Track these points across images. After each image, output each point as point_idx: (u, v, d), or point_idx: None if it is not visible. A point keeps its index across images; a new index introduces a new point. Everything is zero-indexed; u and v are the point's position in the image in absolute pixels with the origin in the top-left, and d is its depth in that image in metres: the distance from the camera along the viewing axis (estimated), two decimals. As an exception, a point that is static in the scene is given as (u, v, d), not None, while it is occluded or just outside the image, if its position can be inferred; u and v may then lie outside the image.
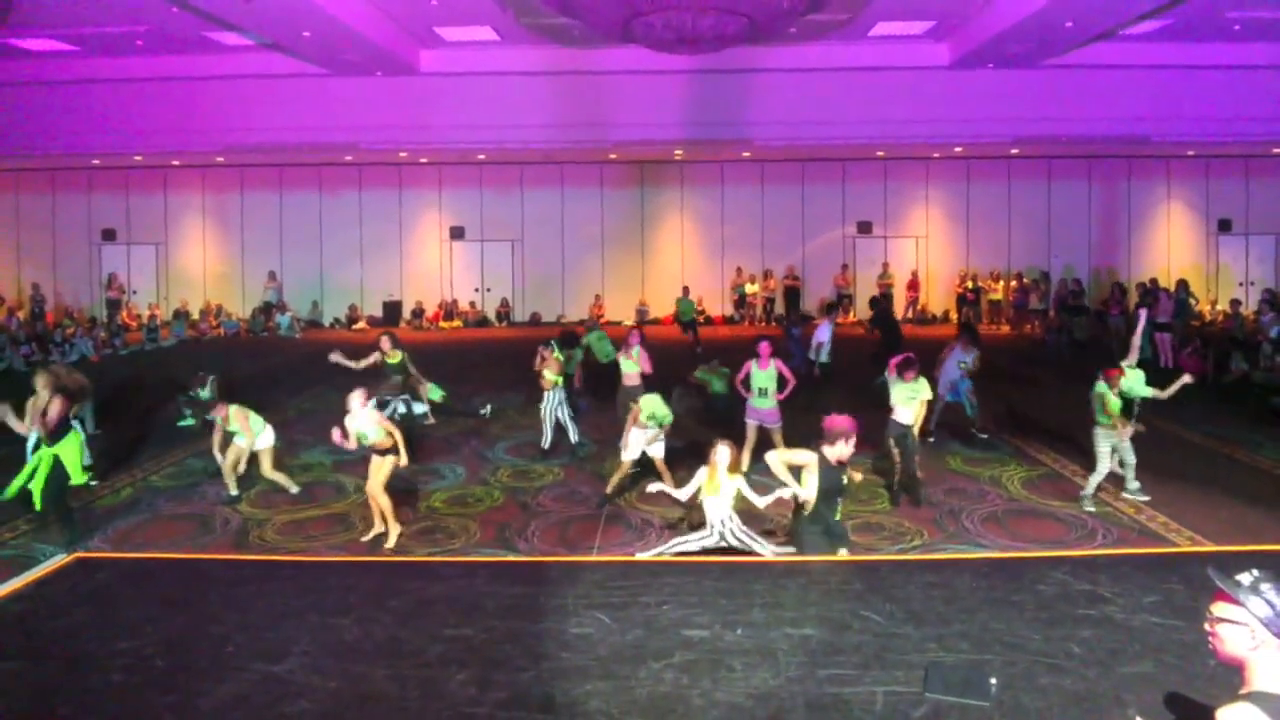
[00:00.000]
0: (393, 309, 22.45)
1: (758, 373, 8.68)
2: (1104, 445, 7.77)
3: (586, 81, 16.75)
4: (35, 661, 4.26)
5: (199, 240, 22.92)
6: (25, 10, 12.88)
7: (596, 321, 15.04)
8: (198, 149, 18.63)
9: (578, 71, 16.63)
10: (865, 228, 22.48)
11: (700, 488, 6.13)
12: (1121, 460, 7.89)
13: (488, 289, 23.02)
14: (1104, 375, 7.80)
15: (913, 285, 22.23)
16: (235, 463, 8.38)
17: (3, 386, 14.49)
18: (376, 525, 7.29)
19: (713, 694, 3.83)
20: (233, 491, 8.33)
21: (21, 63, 16.26)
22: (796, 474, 5.48)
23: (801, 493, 5.42)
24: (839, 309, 20.38)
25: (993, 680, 3.82)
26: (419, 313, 22.17)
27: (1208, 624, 2.42)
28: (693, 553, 6.00)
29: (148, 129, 17.52)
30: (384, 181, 22.45)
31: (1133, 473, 7.95)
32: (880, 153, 21.17)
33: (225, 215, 22.78)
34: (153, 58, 16.31)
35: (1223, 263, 22.16)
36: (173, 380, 12.47)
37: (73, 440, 7.32)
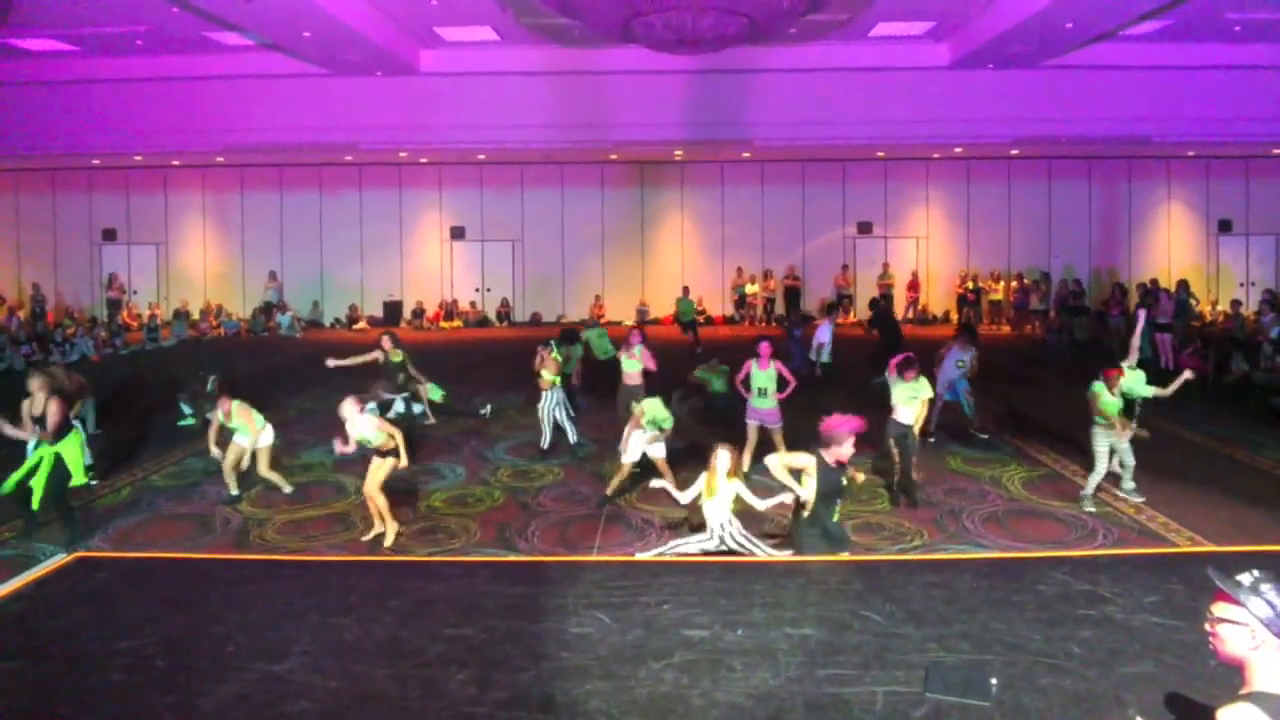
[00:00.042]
0: (393, 309, 22.45)
1: (757, 373, 8.68)
2: (1102, 445, 7.77)
3: (587, 82, 16.75)
4: (35, 661, 4.26)
5: (199, 240, 22.93)
6: (25, 10, 12.88)
7: (596, 320, 15.04)
8: (198, 149, 18.64)
9: (578, 72, 16.62)
10: (865, 228, 22.48)
11: (700, 492, 6.14)
12: (1121, 461, 7.90)
13: (488, 289, 23.02)
14: (1102, 375, 7.80)
15: (913, 286, 22.23)
16: (236, 462, 8.38)
17: (3, 386, 14.53)
18: (376, 525, 7.30)
19: (713, 694, 3.83)
20: (233, 491, 8.34)
21: (22, 63, 16.26)
22: (797, 476, 5.50)
23: (802, 493, 5.43)
24: (839, 309, 20.38)
25: (993, 680, 3.82)
26: (419, 313, 22.17)
27: (1208, 624, 2.42)
28: (692, 554, 6.00)
29: (148, 129, 17.52)
30: (384, 181, 22.45)
31: (1130, 474, 7.96)
32: (880, 153, 21.17)
33: (226, 215, 22.79)
34: (153, 58, 16.30)
35: (1223, 263, 22.16)
36: (173, 380, 12.48)
37: (74, 439, 7.32)
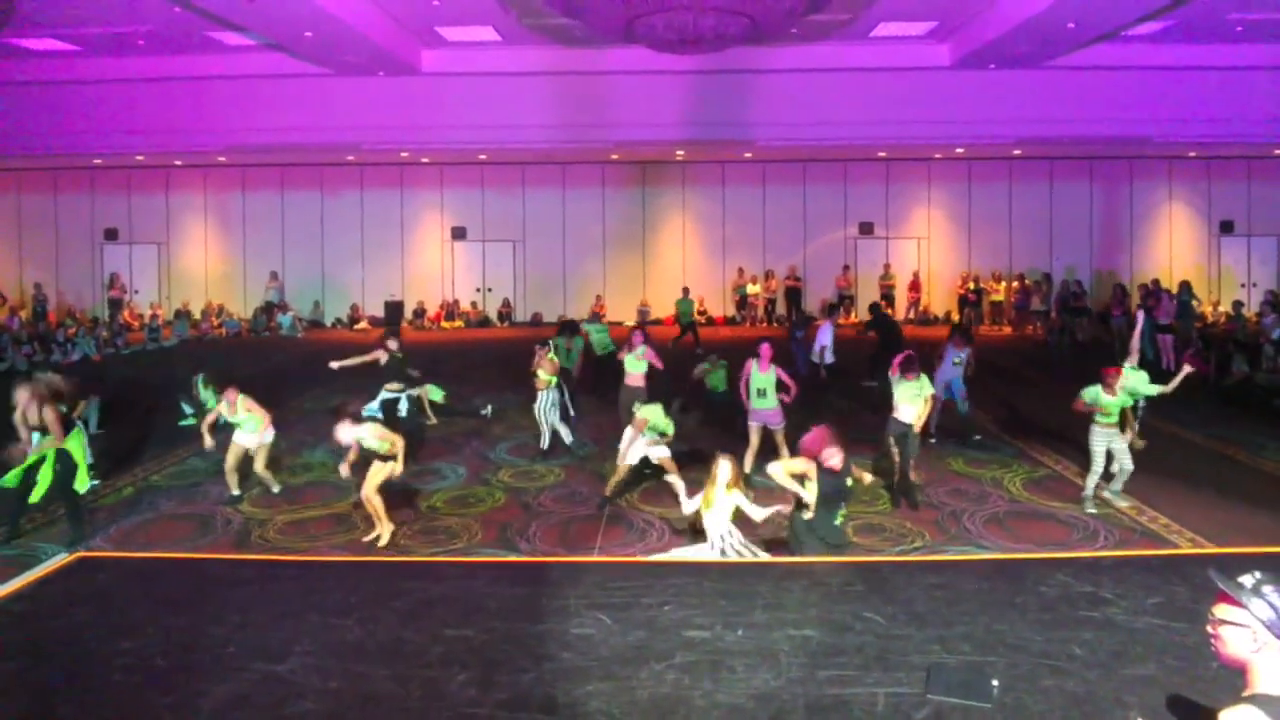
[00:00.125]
0: (394, 309, 22.44)
1: (757, 375, 8.67)
2: (1099, 445, 7.75)
3: (588, 82, 16.74)
4: (36, 661, 4.26)
5: (201, 240, 22.94)
6: (28, 10, 12.89)
7: (598, 315, 15.04)
8: (200, 149, 18.64)
9: (579, 72, 16.62)
10: (867, 228, 22.47)
11: (700, 504, 6.15)
12: (1119, 465, 7.82)
13: (489, 289, 23.02)
14: (1101, 375, 7.78)
15: (914, 286, 22.21)
16: (238, 462, 8.37)
17: (4, 387, 14.53)
18: (378, 526, 7.30)
19: (714, 695, 3.83)
20: (234, 491, 8.34)
21: (24, 63, 16.27)
22: (800, 481, 5.52)
23: (807, 496, 5.46)
24: (840, 310, 20.38)
25: (995, 682, 3.82)
26: (420, 313, 22.17)
27: (1210, 626, 2.42)
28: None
29: (150, 129, 17.53)
30: (385, 182, 22.46)
31: (1123, 480, 7.84)
32: (882, 153, 21.16)
33: (227, 215, 22.79)
34: (155, 58, 16.30)
35: (1225, 264, 22.13)
36: (175, 380, 12.47)
37: (75, 437, 7.36)
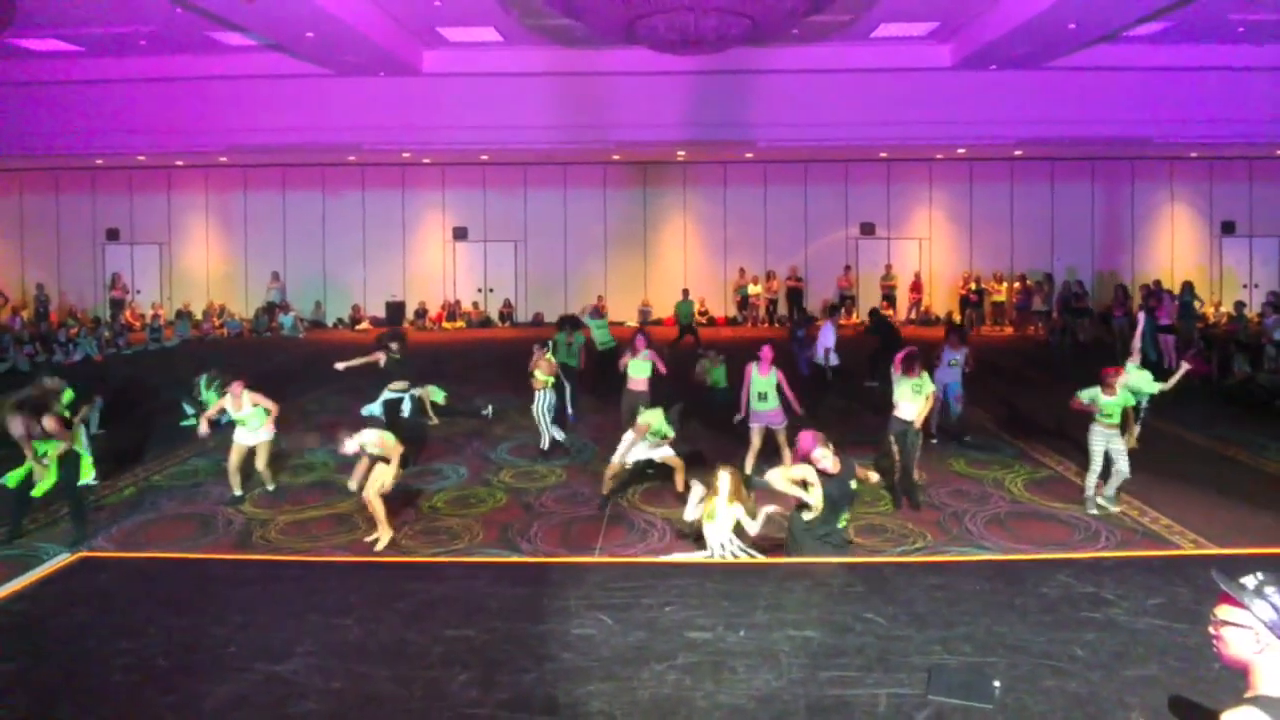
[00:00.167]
0: (396, 309, 22.46)
1: (758, 378, 8.66)
2: (1097, 445, 7.74)
3: (589, 82, 16.75)
4: (37, 661, 4.26)
5: (202, 240, 22.95)
6: (29, 11, 12.90)
7: (599, 310, 15.03)
8: (201, 149, 18.65)
9: (581, 72, 16.62)
10: (868, 229, 22.46)
11: (701, 514, 6.16)
12: (1116, 467, 7.78)
13: (490, 289, 23.03)
14: (1100, 375, 7.78)
15: (916, 287, 22.19)
16: (240, 461, 8.38)
17: (6, 387, 14.54)
18: (379, 528, 7.29)
19: (715, 696, 3.83)
20: (236, 492, 8.35)
21: (25, 63, 16.29)
22: (803, 486, 5.53)
23: (811, 500, 5.46)
24: (841, 310, 20.37)
25: (996, 683, 3.81)
26: (422, 313, 22.17)
27: (1212, 627, 2.41)
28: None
29: (151, 129, 17.54)
30: (387, 182, 22.47)
31: (1118, 483, 7.81)
32: (883, 154, 21.15)
33: (229, 215, 22.80)
34: (156, 58, 16.31)
35: (1226, 265, 22.11)
36: (176, 380, 12.48)
37: (76, 437, 7.40)
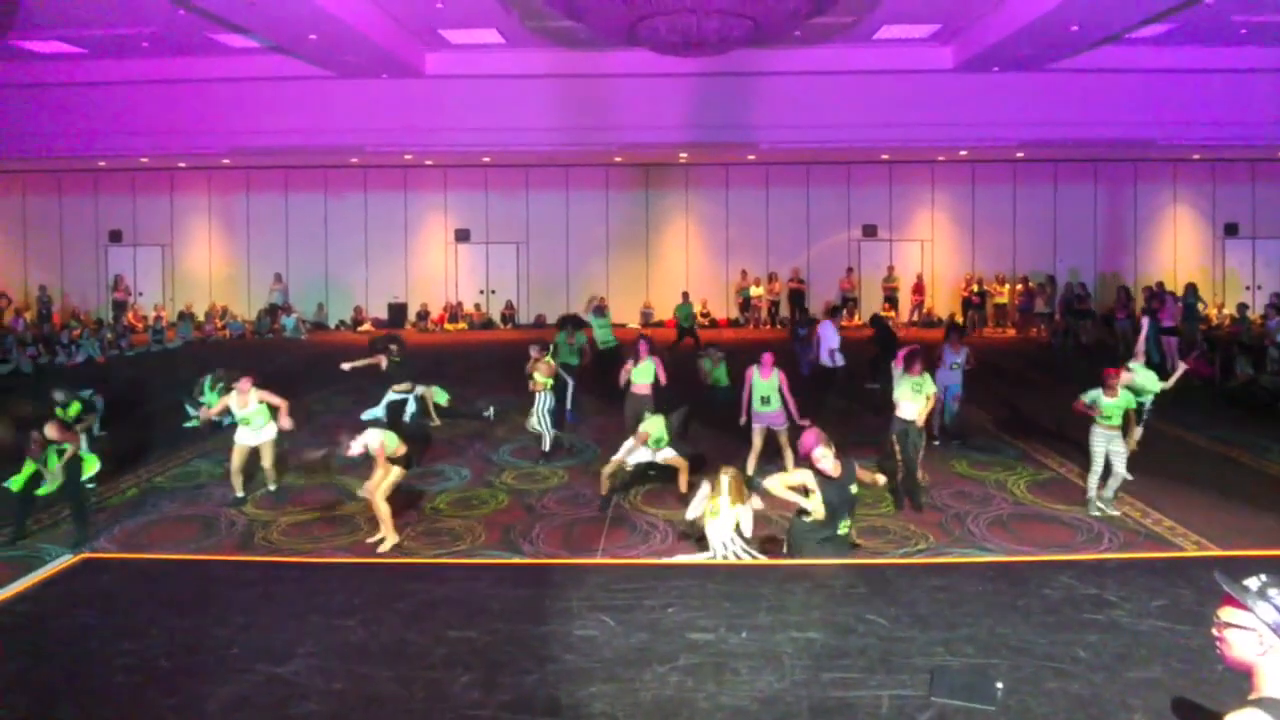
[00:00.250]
0: (398, 311, 22.48)
1: (760, 382, 8.65)
2: (1098, 445, 7.73)
3: (591, 84, 16.75)
4: (40, 662, 4.26)
5: (205, 242, 22.97)
6: (31, 13, 12.92)
7: (602, 308, 15.04)
8: (204, 151, 18.66)
9: (583, 74, 16.63)
10: (870, 231, 22.45)
11: (704, 511, 6.16)
12: (1112, 468, 7.76)
13: (493, 291, 23.03)
14: (1102, 376, 7.77)
15: (918, 289, 22.16)
16: (242, 463, 8.38)
17: (8, 388, 14.57)
18: (383, 529, 7.29)
19: (717, 697, 3.82)
20: (238, 493, 8.35)
21: (28, 65, 16.30)
22: (803, 493, 5.53)
23: (810, 506, 5.46)
24: (843, 311, 20.35)
25: (999, 684, 3.80)
26: (424, 315, 22.19)
27: (1215, 629, 2.41)
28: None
29: (154, 131, 17.55)
30: (389, 184, 22.48)
31: (1116, 485, 7.79)
32: (885, 156, 21.14)
33: (231, 217, 22.82)
34: (159, 60, 16.33)
35: (1229, 267, 22.08)
36: (179, 382, 12.49)
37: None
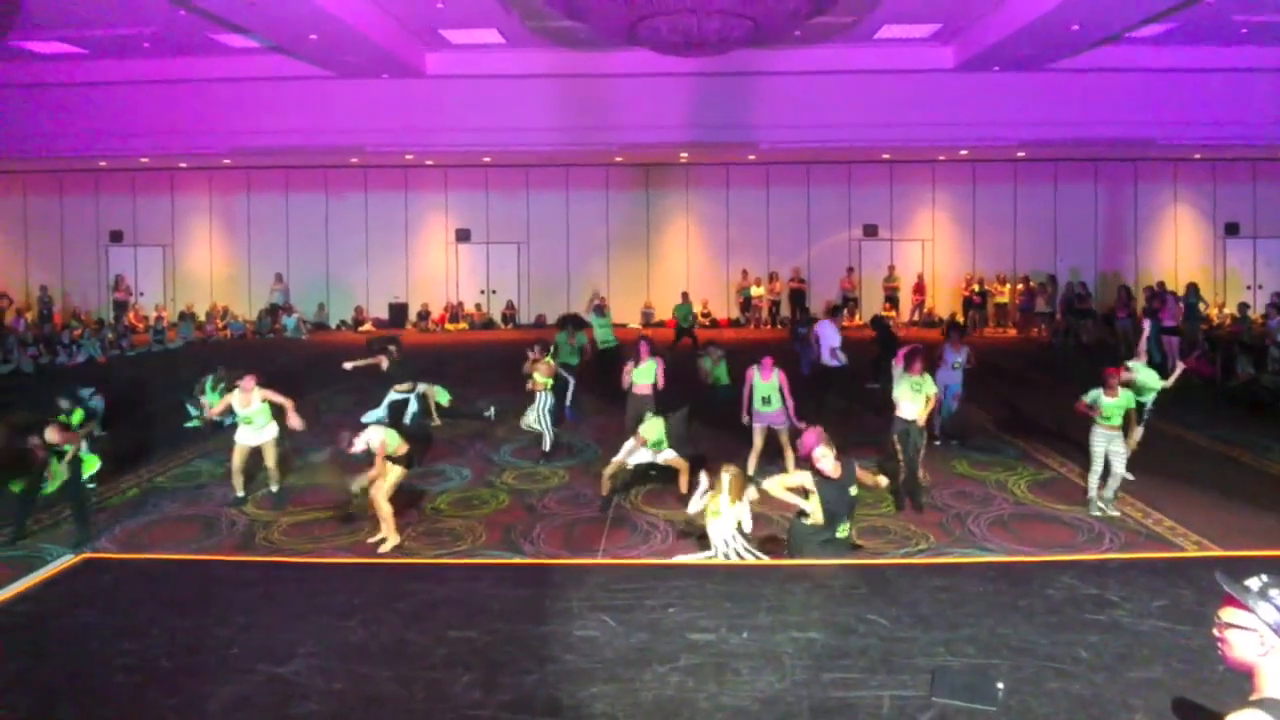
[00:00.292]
0: (398, 311, 22.48)
1: (760, 383, 8.65)
2: (1098, 446, 7.73)
3: (592, 84, 16.75)
4: (40, 662, 4.27)
5: (206, 242, 22.98)
6: (32, 13, 12.92)
7: (602, 307, 15.07)
8: (204, 151, 18.66)
9: (583, 74, 16.63)
10: (871, 230, 22.44)
11: (705, 508, 6.17)
12: (1112, 470, 7.74)
13: (493, 291, 23.03)
14: (1103, 376, 7.77)
15: (919, 289, 22.14)
16: (243, 463, 8.38)
17: (10, 388, 14.58)
18: (382, 529, 7.29)
19: (718, 698, 3.82)
20: (239, 493, 8.35)
21: (28, 65, 16.31)
22: (802, 494, 5.54)
23: (808, 507, 5.46)
24: (844, 311, 20.33)
25: (1000, 685, 3.81)
26: (425, 315, 22.20)
27: (1216, 629, 2.40)
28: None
29: (154, 131, 17.55)
30: (390, 184, 22.48)
31: (1115, 485, 7.78)
32: (886, 155, 21.13)
33: (232, 217, 22.83)
34: (159, 60, 16.33)
35: (1230, 267, 22.06)
36: (180, 382, 12.50)
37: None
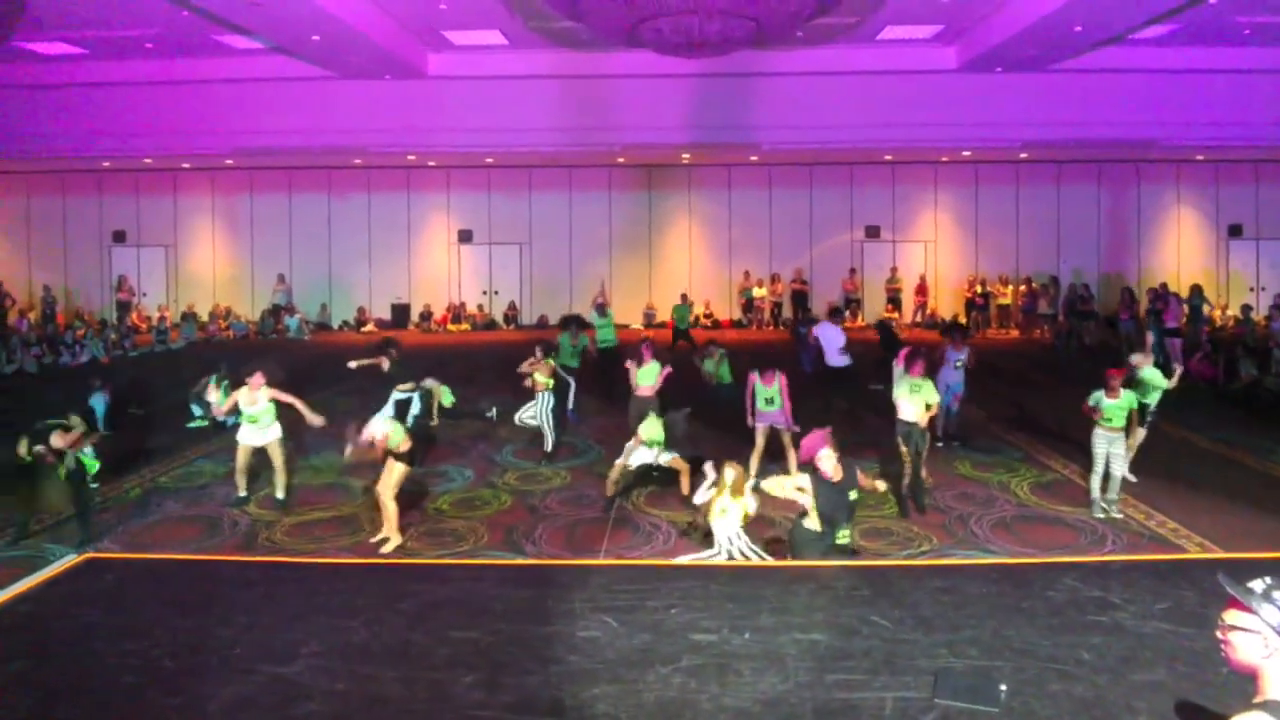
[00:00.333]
0: (401, 311, 22.50)
1: (761, 387, 8.65)
2: (1099, 447, 7.72)
3: (594, 85, 16.76)
4: (43, 661, 4.27)
5: (208, 242, 23.01)
6: (35, 14, 12.94)
7: (604, 306, 15.08)
8: (207, 152, 18.69)
9: (585, 75, 16.64)
10: (873, 232, 22.43)
11: (710, 503, 6.17)
12: (1111, 471, 7.72)
13: (495, 292, 23.04)
14: (1105, 377, 7.76)
15: (921, 290, 22.12)
16: (246, 463, 8.37)
17: (13, 388, 14.60)
18: (384, 529, 7.30)
19: (720, 699, 3.82)
20: (242, 493, 8.36)
21: (31, 66, 16.34)
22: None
23: (807, 503, 5.46)
24: (845, 313, 20.32)
25: (1002, 687, 3.80)
26: (427, 315, 22.21)
27: (1220, 631, 2.40)
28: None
29: (157, 132, 17.58)
30: (392, 184, 22.50)
31: (1115, 487, 7.76)
32: (888, 156, 21.13)
33: (235, 218, 22.86)
34: (162, 61, 16.37)
35: (1233, 268, 22.03)
36: (182, 382, 12.51)
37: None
